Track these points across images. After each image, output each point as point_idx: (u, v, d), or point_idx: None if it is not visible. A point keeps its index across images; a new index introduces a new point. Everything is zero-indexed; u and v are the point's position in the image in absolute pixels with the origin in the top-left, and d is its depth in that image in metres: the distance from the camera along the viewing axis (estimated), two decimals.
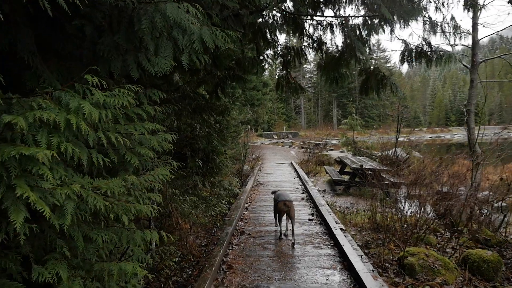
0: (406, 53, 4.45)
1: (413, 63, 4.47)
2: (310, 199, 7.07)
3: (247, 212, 6.25)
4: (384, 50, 66.81)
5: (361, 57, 4.53)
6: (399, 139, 17.50)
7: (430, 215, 5.86)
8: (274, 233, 4.91)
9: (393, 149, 13.55)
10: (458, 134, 54.51)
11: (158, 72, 3.08)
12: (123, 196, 2.40)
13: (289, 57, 7.32)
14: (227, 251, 4.19)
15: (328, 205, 6.62)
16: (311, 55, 6.79)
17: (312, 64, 68.36)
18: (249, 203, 6.97)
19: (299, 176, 10.57)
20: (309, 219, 5.55)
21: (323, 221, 5.35)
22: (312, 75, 66.99)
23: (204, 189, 7.79)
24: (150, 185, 2.57)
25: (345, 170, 11.30)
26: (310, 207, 6.46)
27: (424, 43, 4.29)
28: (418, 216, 5.79)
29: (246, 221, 5.61)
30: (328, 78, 6.30)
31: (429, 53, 4.21)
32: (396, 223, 5.49)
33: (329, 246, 4.28)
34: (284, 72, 7.53)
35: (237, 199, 7.12)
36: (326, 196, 8.63)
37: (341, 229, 4.84)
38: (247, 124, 17.27)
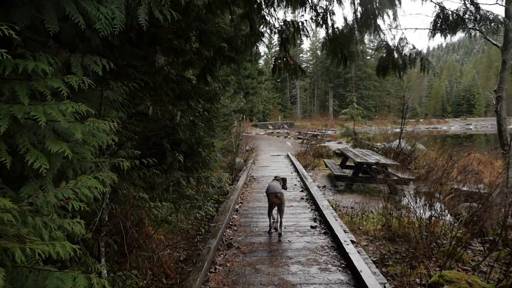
0: (440, 20, 3.44)
1: (449, 33, 3.46)
2: (311, 199, 6.13)
3: (237, 216, 5.28)
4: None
5: (382, 25, 3.54)
6: (396, 130, 16.63)
7: (449, 219, 4.97)
8: (269, 246, 3.95)
9: (396, 141, 12.66)
10: (454, 126, 54.11)
11: (101, 29, 2.08)
12: (12, 227, 1.41)
13: (288, 34, 6.29)
14: (207, 275, 3.23)
15: (332, 207, 5.68)
16: (313, 31, 5.75)
17: (308, 54, 67.00)
18: (240, 204, 6.01)
19: (296, 170, 9.62)
20: (312, 227, 4.60)
21: (328, 230, 4.40)
22: (308, 65, 65.78)
23: (189, 186, 6.83)
24: (62, 204, 1.56)
25: (346, 164, 10.38)
26: (312, 209, 5.51)
27: (468, 3, 3.28)
28: (441, 221, 4.90)
29: (235, 228, 4.65)
30: (335, 57, 5.29)
31: (473, 18, 3.21)
32: (416, 231, 4.58)
33: (339, 268, 3.33)
34: (282, 52, 6.50)
35: (226, 199, 6.16)
36: (327, 194, 7.70)
37: (352, 242, 3.90)
38: (241, 113, 16.23)
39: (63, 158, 1.87)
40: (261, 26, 6.34)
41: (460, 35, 3.77)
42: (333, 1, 5.12)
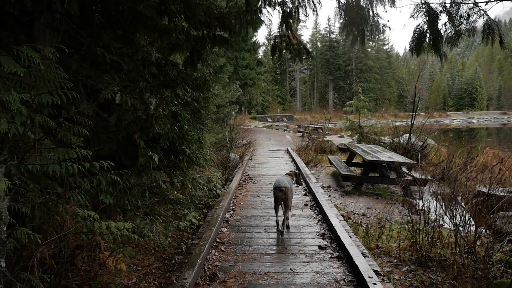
0: None
1: None
2: (317, 206, 5.14)
3: (227, 228, 4.29)
4: (382, 32, 64.49)
5: None
6: (397, 123, 15.57)
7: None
8: (265, 278, 2.96)
9: (405, 136, 11.67)
10: (456, 119, 53.19)
11: None
12: None
13: (290, 7, 5.28)
14: None
15: (343, 216, 4.70)
16: (320, 4, 4.72)
17: (308, 46, 65.50)
18: (231, 211, 5.01)
19: (298, 168, 8.62)
20: (320, 247, 3.61)
21: (343, 253, 3.42)
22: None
23: (173, 188, 5.84)
24: None
25: (353, 161, 9.39)
26: (319, 220, 4.52)
27: None
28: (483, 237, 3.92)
29: (223, 248, 3.65)
30: (350, 33, 4.27)
31: None
32: (452, 251, 3.61)
33: None
34: (283, 29, 5.47)
35: (216, 204, 5.17)
36: (333, 196, 6.72)
37: (377, 273, 2.92)
38: (238, 104, 15.17)
39: None
40: (259, 2, 5.37)
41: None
42: None
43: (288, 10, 5.25)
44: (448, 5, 2.64)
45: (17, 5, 3.49)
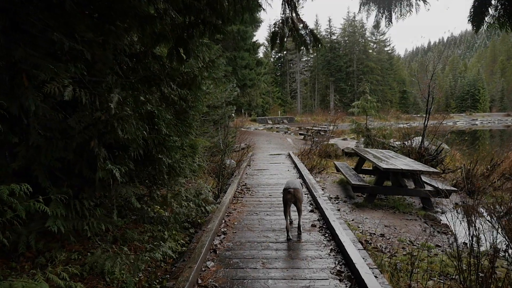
0: None
1: None
2: (327, 228, 4.17)
3: (214, 262, 3.31)
4: (383, 33, 63.96)
5: None
6: (400, 125, 14.59)
7: None
8: None
9: (416, 139, 10.73)
10: (460, 121, 52.24)
11: None
12: None
13: None
14: None
15: (361, 243, 3.74)
16: None
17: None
18: (223, 234, 4.05)
19: (301, 175, 7.66)
20: None
21: None
22: (308, 58, 63.67)
23: (156, 202, 4.88)
24: None
25: (363, 168, 8.44)
26: (331, 249, 3.54)
27: None
28: None
29: None
30: (372, 10, 3.33)
31: None
32: None
33: None
34: (286, 11, 4.53)
35: (204, 225, 4.22)
36: (343, 210, 5.78)
37: None
38: (236, 105, 14.21)
39: None
40: None
41: None
42: None
43: None
44: None
45: None
